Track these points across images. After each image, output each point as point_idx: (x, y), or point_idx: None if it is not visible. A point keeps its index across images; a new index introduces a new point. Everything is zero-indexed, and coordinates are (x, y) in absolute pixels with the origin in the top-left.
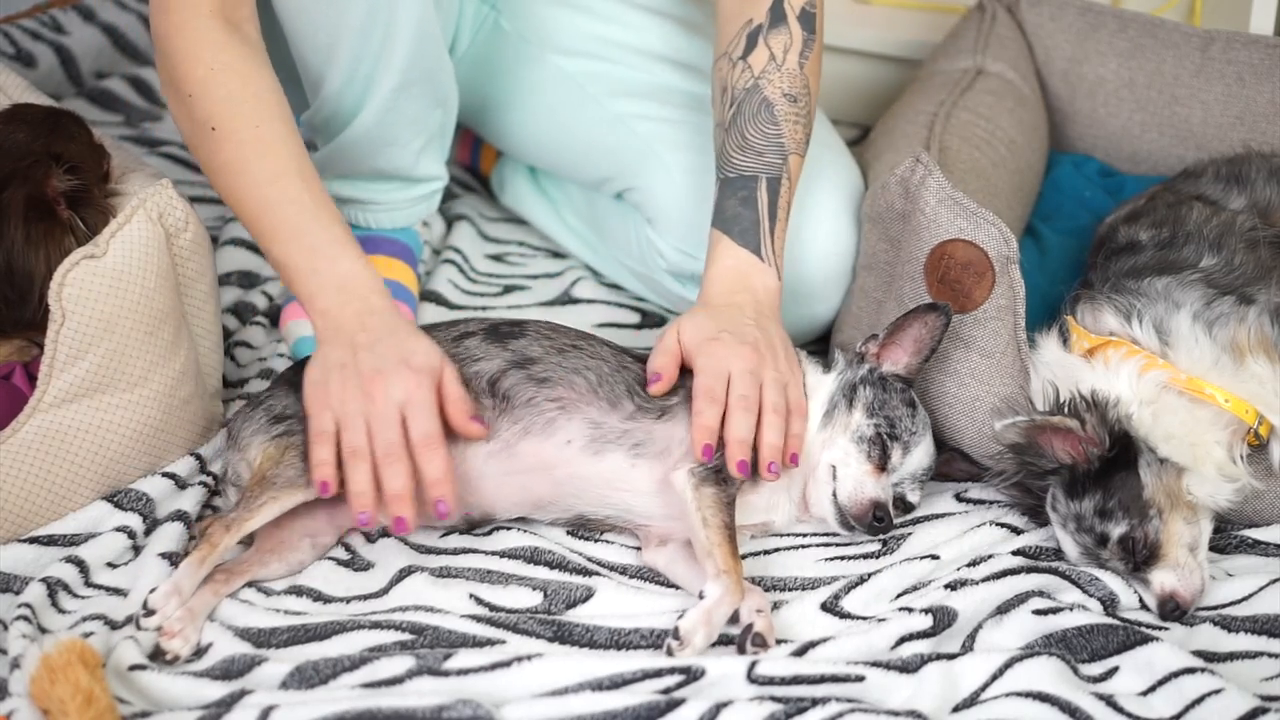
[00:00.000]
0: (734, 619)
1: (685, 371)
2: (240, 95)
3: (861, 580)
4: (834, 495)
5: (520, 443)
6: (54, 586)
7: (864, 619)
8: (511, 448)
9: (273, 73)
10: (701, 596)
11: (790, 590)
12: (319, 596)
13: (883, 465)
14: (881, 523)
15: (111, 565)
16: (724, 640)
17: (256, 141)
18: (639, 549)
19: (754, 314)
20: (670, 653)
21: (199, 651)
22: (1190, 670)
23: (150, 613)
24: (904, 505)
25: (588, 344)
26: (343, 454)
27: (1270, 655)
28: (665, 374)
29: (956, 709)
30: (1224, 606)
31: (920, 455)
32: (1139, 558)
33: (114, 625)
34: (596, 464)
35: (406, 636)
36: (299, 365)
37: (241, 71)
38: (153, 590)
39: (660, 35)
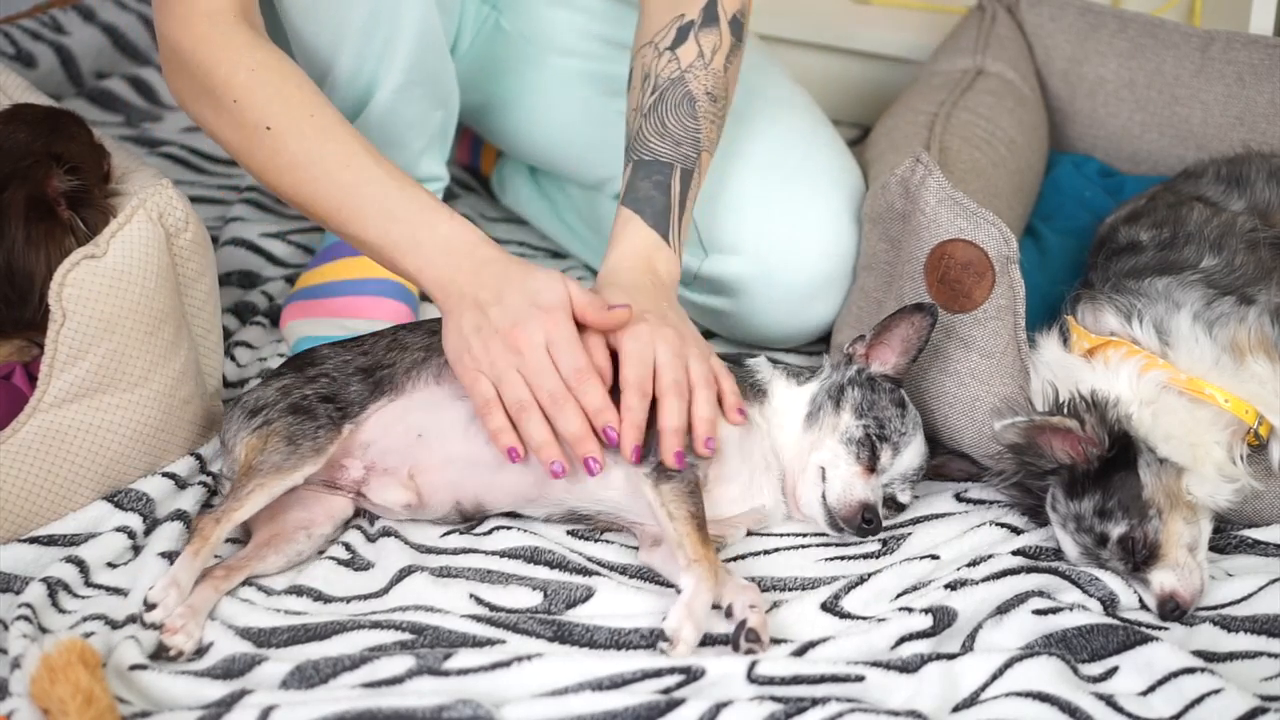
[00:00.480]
0: (729, 614)
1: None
2: (286, 90)
3: (861, 580)
4: (823, 497)
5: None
6: (54, 586)
7: (864, 619)
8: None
9: (294, 60)
10: (679, 591)
11: (790, 590)
12: (319, 596)
13: (872, 466)
14: (870, 524)
15: (112, 565)
16: (721, 640)
17: (317, 131)
18: (638, 549)
19: (662, 293)
20: (664, 654)
21: (200, 651)
22: (1190, 670)
23: (150, 606)
24: (895, 506)
25: None
26: (511, 411)
27: (1270, 655)
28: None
29: (956, 709)
30: (1224, 606)
31: (911, 455)
32: (1139, 558)
33: (114, 625)
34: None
35: (406, 636)
36: (283, 365)
37: (278, 68)
38: (151, 587)
39: None
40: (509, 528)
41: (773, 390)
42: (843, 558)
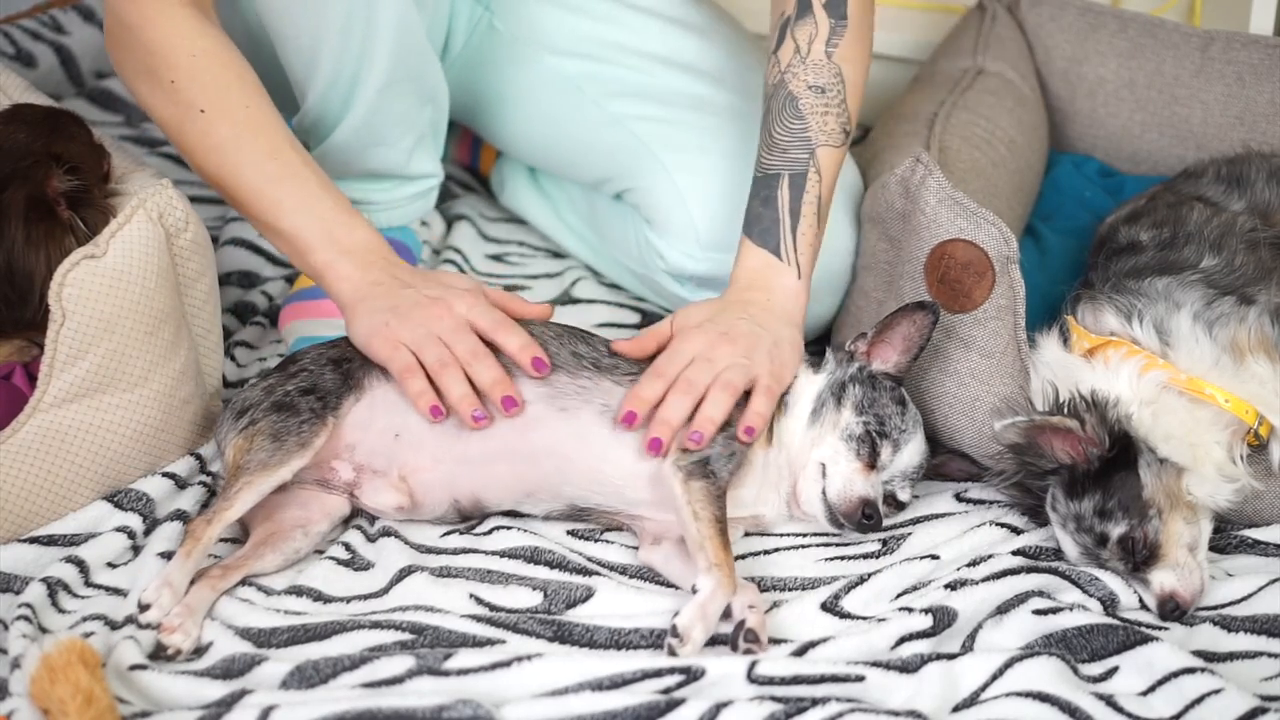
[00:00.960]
0: (727, 614)
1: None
2: (225, 78)
3: (861, 580)
4: (823, 493)
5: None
6: (54, 586)
7: (864, 619)
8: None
9: (242, 55)
10: (695, 591)
11: (790, 590)
12: (319, 596)
13: (872, 463)
14: (871, 520)
15: (111, 565)
16: (720, 640)
17: (249, 120)
18: (638, 548)
19: (761, 312)
20: (672, 651)
21: (199, 651)
22: (1190, 670)
23: (144, 607)
24: (895, 503)
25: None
26: (432, 370)
27: (1270, 655)
28: (638, 342)
29: (956, 709)
30: (1224, 606)
31: (911, 453)
32: (1139, 558)
33: (114, 625)
34: (570, 423)
35: (406, 636)
36: (271, 369)
37: (221, 55)
38: (145, 587)
39: (657, 36)
40: (509, 528)
41: (794, 384)
42: (843, 558)
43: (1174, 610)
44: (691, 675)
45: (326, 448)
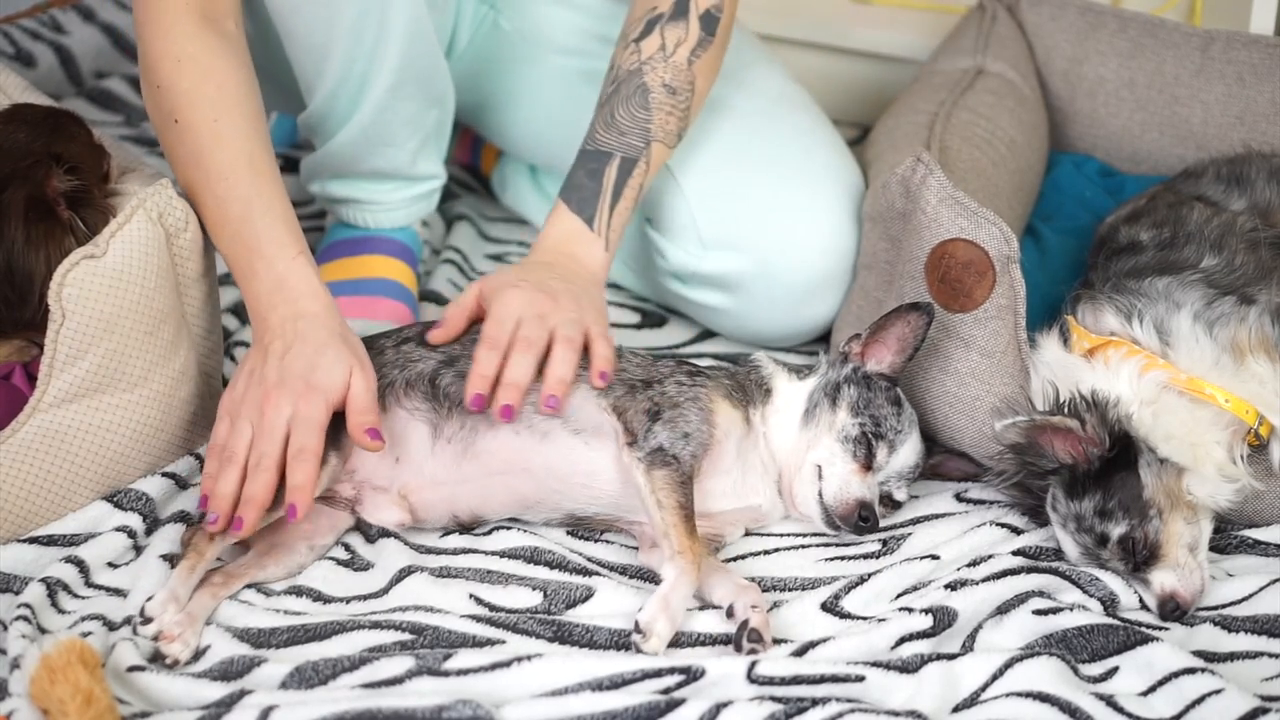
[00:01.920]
0: (730, 614)
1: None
2: (203, 88)
3: (861, 580)
4: (819, 495)
5: (476, 442)
6: (54, 586)
7: (864, 619)
8: (471, 448)
9: (244, 67)
10: (660, 582)
11: (790, 590)
12: (319, 597)
13: (868, 464)
14: (867, 522)
15: (112, 565)
16: (722, 640)
17: (213, 135)
18: (638, 549)
19: (565, 270)
20: (637, 649)
21: (198, 653)
22: (1190, 670)
23: (147, 620)
24: (891, 503)
25: None
26: (218, 453)
27: (1270, 655)
28: (447, 323)
29: (956, 709)
30: (1224, 606)
31: (907, 453)
32: (1139, 558)
33: (113, 626)
34: (552, 447)
35: (406, 636)
36: None
37: (206, 64)
38: (149, 598)
39: None
40: (509, 528)
41: (776, 386)
42: (843, 558)
43: (1174, 610)
44: (691, 675)
45: (330, 474)
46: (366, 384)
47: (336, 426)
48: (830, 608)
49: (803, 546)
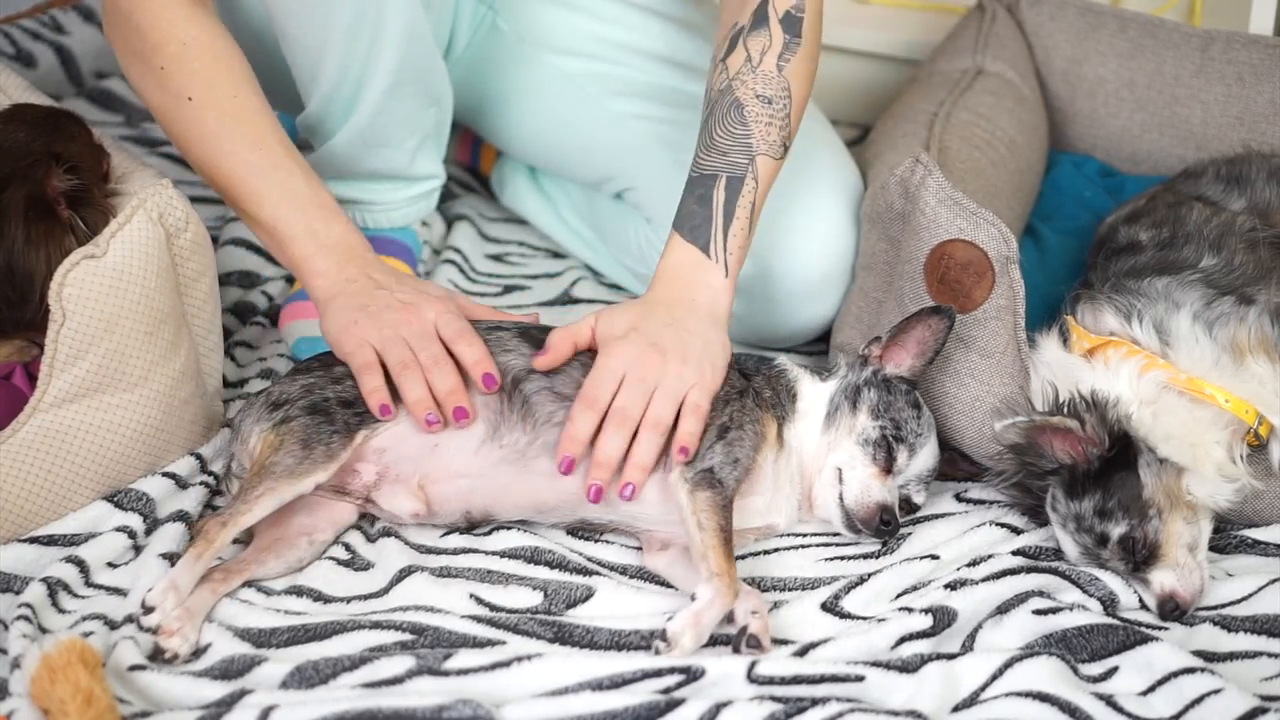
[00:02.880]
0: (729, 619)
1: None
2: (215, 67)
3: (861, 580)
4: (840, 499)
5: (539, 459)
6: (54, 586)
7: (864, 619)
8: (527, 460)
9: (238, 47)
10: (694, 599)
11: (790, 590)
12: (319, 596)
13: (888, 468)
14: (888, 525)
15: (112, 565)
16: (721, 640)
17: (236, 111)
18: (639, 549)
19: (686, 314)
20: (657, 653)
21: (198, 652)
22: (1190, 670)
23: (148, 610)
24: (909, 507)
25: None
26: (394, 372)
27: (1270, 655)
28: (553, 349)
29: (956, 709)
30: (1224, 606)
31: (926, 456)
32: (1139, 558)
33: (114, 625)
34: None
35: (407, 636)
36: (313, 359)
37: (213, 45)
38: (150, 589)
39: (659, 35)
40: (509, 528)
41: (800, 390)
42: (843, 558)
43: (1174, 610)
44: (691, 675)
45: (354, 453)
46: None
47: (360, 411)
48: (830, 608)
49: (803, 546)
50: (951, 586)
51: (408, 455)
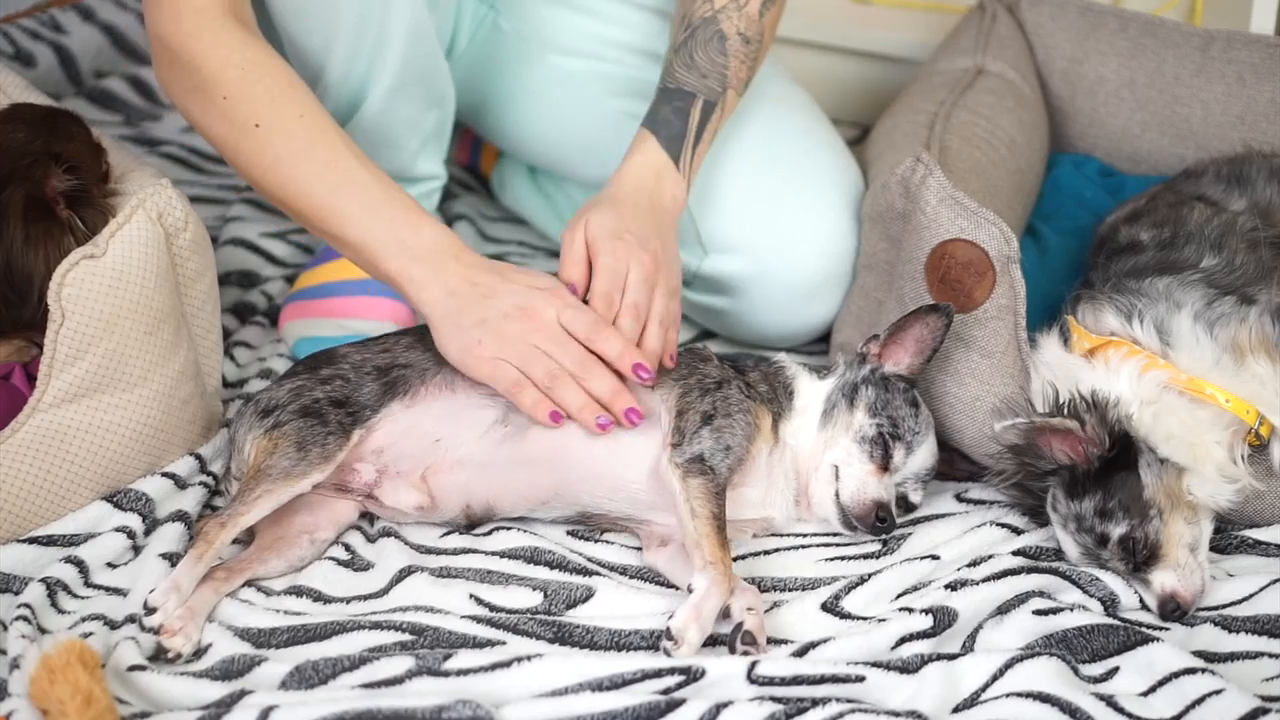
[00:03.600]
0: (726, 616)
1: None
2: (276, 88)
3: (862, 580)
4: (836, 495)
5: (531, 427)
6: (54, 587)
7: (864, 619)
8: (523, 432)
9: (287, 62)
10: (690, 590)
11: (790, 590)
12: (319, 597)
13: (885, 465)
14: (884, 523)
15: (111, 565)
16: (720, 640)
17: (305, 131)
18: (639, 549)
19: (654, 217)
20: (667, 654)
21: (198, 652)
22: (1191, 670)
23: (151, 610)
24: (906, 505)
25: None
26: (543, 385)
27: (1271, 655)
28: (580, 284)
29: (957, 709)
30: (1224, 607)
31: (924, 455)
32: (1139, 558)
33: (113, 625)
34: (600, 440)
35: (406, 637)
36: (299, 363)
37: (270, 66)
38: (152, 590)
39: (660, 35)
40: (509, 528)
41: (798, 388)
42: (843, 558)
43: (1175, 610)
44: (691, 675)
45: (353, 451)
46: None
47: (381, 396)
48: (830, 608)
49: (803, 547)
50: (952, 587)
51: (408, 452)
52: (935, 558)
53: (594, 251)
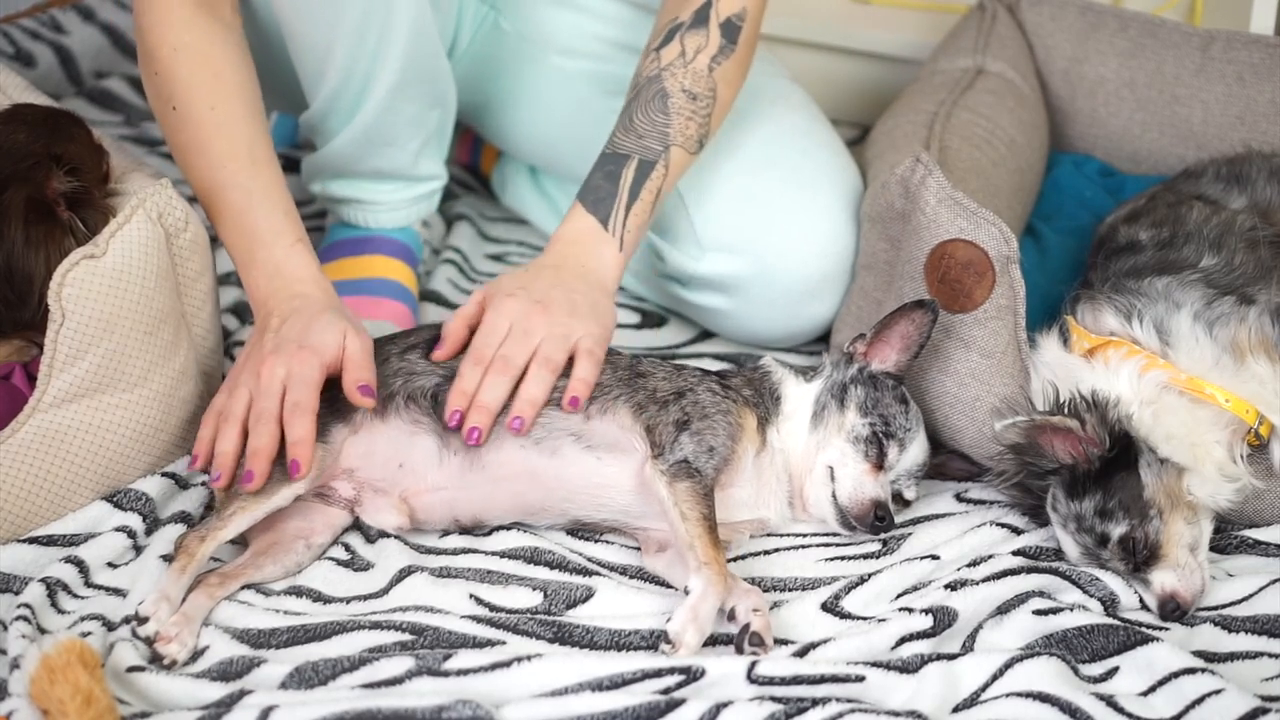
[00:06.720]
0: (732, 617)
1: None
2: (200, 75)
3: (862, 580)
4: (833, 496)
5: (485, 453)
6: (54, 587)
7: (864, 619)
8: (479, 458)
9: (240, 52)
10: (687, 592)
11: (790, 590)
12: (319, 597)
13: (880, 464)
14: (883, 521)
15: (111, 565)
16: (723, 640)
17: (211, 123)
18: (639, 549)
19: (575, 279)
20: (666, 655)
21: (197, 654)
22: (1190, 670)
23: (143, 620)
24: (901, 501)
25: None
26: (216, 418)
27: (1270, 655)
28: (449, 338)
29: (957, 709)
30: (1224, 607)
31: (916, 451)
32: (1139, 558)
33: (113, 626)
34: (560, 463)
35: (406, 637)
36: None
37: (205, 51)
38: (142, 600)
39: None
40: (508, 528)
41: (785, 392)
42: (843, 558)
43: (1174, 610)
44: (691, 675)
45: (326, 470)
46: (361, 344)
47: (327, 417)
48: (830, 608)
49: (803, 547)
50: (952, 587)
51: (378, 476)
52: (935, 558)
53: (486, 308)
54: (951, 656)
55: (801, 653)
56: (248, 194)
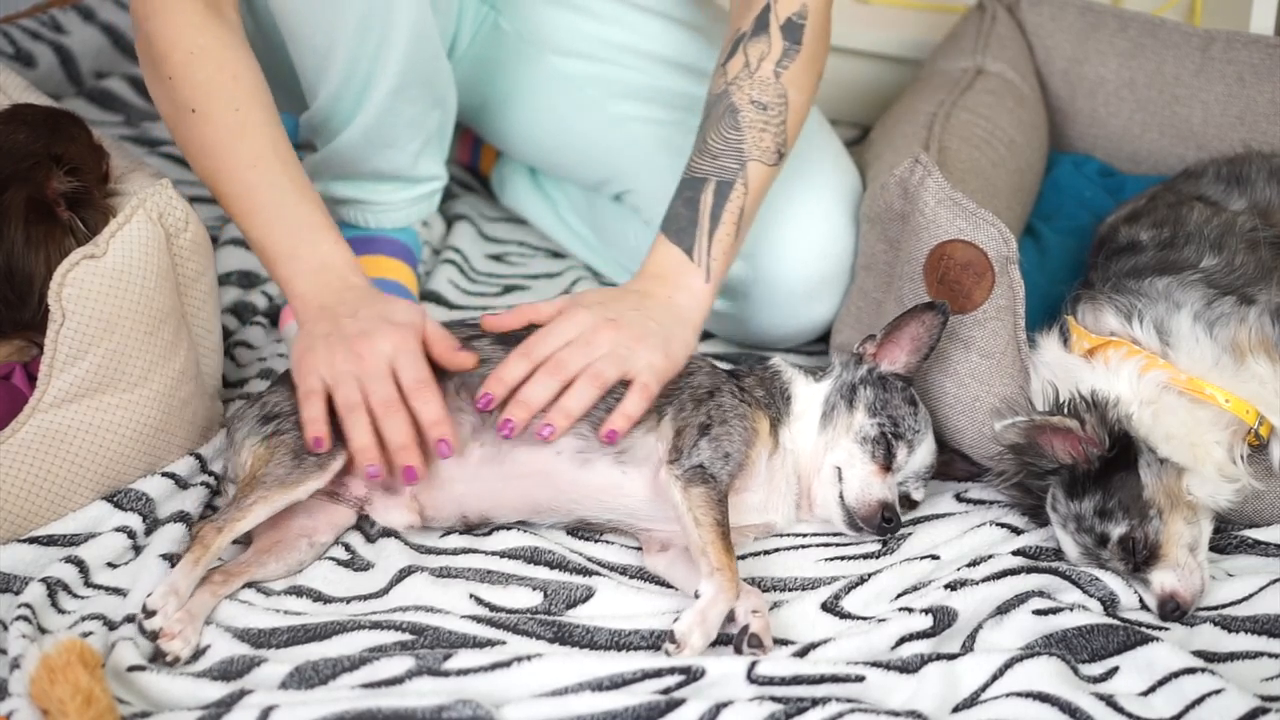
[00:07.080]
0: (730, 618)
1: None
2: (219, 78)
3: (862, 580)
4: (841, 497)
5: (513, 450)
6: (54, 586)
7: (864, 619)
8: (504, 454)
9: (251, 54)
10: (697, 596)
11: (790, 590)
12: (319, 597)
13: (888, 465)
14: (890, 523)
15: (111, 565)
16: (722, 640)
17: (236, 125)
18: (639, 549)
19: (658, 307)
20: (668, 655)
21: (198, 653)
22: (1190, 670)
23: (150, 613)
24: (908, 503)
25: None
26: (340, 412)
27: (1270, 655)
28: (511, 314)
29: (957, 709)
30: (1224, 607)
31: (924, 453)
32: (1139, 558)
33: (113, 625)
34: (587, 474)
35: (406, 637)
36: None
37: (220, 54)
38: (150, 594)
39: (661, 37)
40: (509, 528)
41: (795, 392)
42: (843, 558)
43: (1174, 610)
44: (691, 675)
45: (345, 465)
46: (436, 323)
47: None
48: (830, 608)
49: (803, 547)
50: (952, 587)
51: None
52: (935, 558)
53: (561, 312)
54: (951, 656)
55: (801, 653)
56: (283, 192)
